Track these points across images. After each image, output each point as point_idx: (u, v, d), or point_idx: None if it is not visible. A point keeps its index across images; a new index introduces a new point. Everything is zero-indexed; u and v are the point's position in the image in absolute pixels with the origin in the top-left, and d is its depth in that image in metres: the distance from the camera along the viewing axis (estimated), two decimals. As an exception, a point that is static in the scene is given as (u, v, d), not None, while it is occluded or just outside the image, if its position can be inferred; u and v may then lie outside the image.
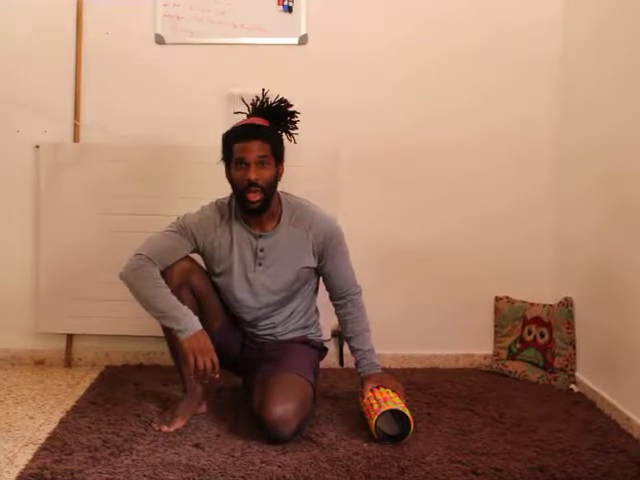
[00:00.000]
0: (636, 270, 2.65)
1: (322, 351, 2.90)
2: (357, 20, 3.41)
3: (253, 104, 2.75)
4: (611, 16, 2.92)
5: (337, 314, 2.80)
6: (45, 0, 3.36)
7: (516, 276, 3.48)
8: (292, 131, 2.77)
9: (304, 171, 3.28)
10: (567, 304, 3.25)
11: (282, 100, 2.75)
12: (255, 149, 2.55)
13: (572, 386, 3.16)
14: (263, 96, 2.75)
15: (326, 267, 2.72)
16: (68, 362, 3.41)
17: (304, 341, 2.79)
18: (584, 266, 3.15)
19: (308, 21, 3.39)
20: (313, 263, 2.70)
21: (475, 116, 3.43)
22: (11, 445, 2.40)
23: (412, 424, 2.46)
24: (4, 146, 3.40)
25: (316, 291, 2.86)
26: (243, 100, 2.78)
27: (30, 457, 2.28)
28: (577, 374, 3.19)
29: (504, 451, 2.41)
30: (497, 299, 3.48)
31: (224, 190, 3.36)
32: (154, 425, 2.58)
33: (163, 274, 2.58)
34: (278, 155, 2.62)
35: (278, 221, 2.67)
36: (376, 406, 2.49)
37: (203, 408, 2.73)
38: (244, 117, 2.76)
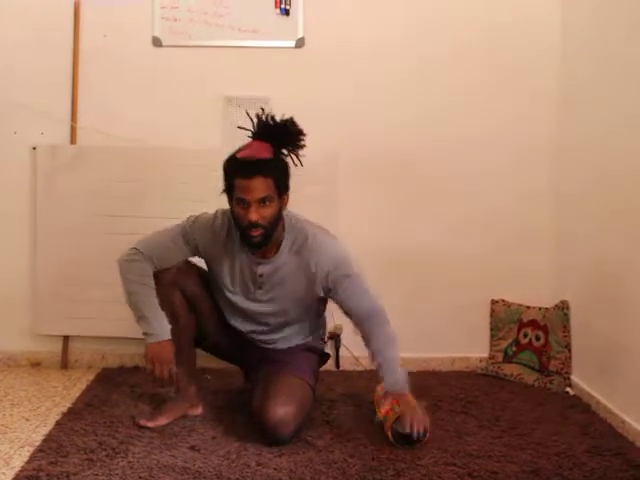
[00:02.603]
0: (632, 274, 2.65)
1: (324, 356, 2.89)
2: (354, 23, 3.41)
3: (258, 119, 2.56)
4: (609, 15, 2.92)
5: (359, 331, 2.60)
6: (43, 2, 3.37)
7: (512, 279, 3.48)
8: (298, 152, 2.58)
9: (303, 173, 3.28)
10: (563, 307, 3.25)
11: (287, 120, 2.55)
12: (257, 188, 2.41)
13: (568, 389, 3.17)
14: (266, 116, 2.56)
15: (338, 297, 2.58)
16: (64, 364, 3.41)
17: (306, 348, 2.76)
18: (580, 269, 3.15)
19: (305, 24, 3.40)
20: (319, 293, 2.61)
21: (473, 117, 3.44)
22: (7, 447, 2.40)
23: (428, 429, 2.47)
24: (1, 147, 3.40)
25: (324, 305, 2.80)
26: (247, 114, 2.58)
27: (26, 459, 2.28)
28: (573, 377, 3.19)
29: (500, 454, 2.41)
30: (493, 302, 3.48)
31: (220, 191, 3.37)
32: (136, 418, 2.62)
33: (156, 272, 2.60)
34: (282, 188, 2.48)
35: (279, 247, 2.57)
36: (396, 408, 2.48)
37: (198, 410, 2.73)
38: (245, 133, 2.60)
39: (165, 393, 2.91)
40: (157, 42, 3.40)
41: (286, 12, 3.40)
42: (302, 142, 2.57)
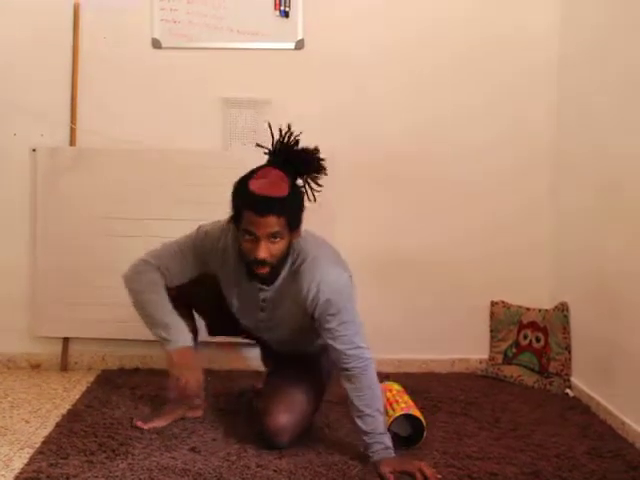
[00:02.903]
0: (631, 276, 2.65)
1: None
2: (354, 25, 3.42)
3: (281, 138, 2.38)
4: (609, 23, 2.93)
5: (344, 387, 2.36)
6: (42, 4, 3.37)
7: (512, 281, 3.49)
8: (315, 187, 2.37)
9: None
10: (563, 309, 3.25)
11: (313, 151, 2.37)
12: (268, 225, 2.24)
13: (567, 391, 3.17)
14: (289, 136, 2.38)
15: (322, 332, 2.36)
16: (64, 366, 3.41)
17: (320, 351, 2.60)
18: (580, 271, 3.16)
19: (305, 26, 3.40)
20: (312, 322, 2.39)
21: (473, 123, 3.44)
22: (7, 449, 2.40)
23: (425, 429, 2.48)
24: (1, 149, 3.40)
25: None
26: (270, 127, 2.41)
27: (26, 461, 2.28)
28: (572, 379, 3.19)
29: (499, 455, 2.42)
30: (493, 304, 3.48)
31: (220, 194, 3.37)
32: (134, 419, 2.62)
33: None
34: (294, 224, 2.31)
35: (281, 269, 2.40)
36: (390, 412, 2.50)
37: (198, 413, 2.73)
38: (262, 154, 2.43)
39: (165, 395, 2.90)
40: (157, 44, 3.40)
41: (285, 14, 3.40)
42: (321, 173, 2.38)
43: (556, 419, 2.82)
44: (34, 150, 3.36)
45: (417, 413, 2.51)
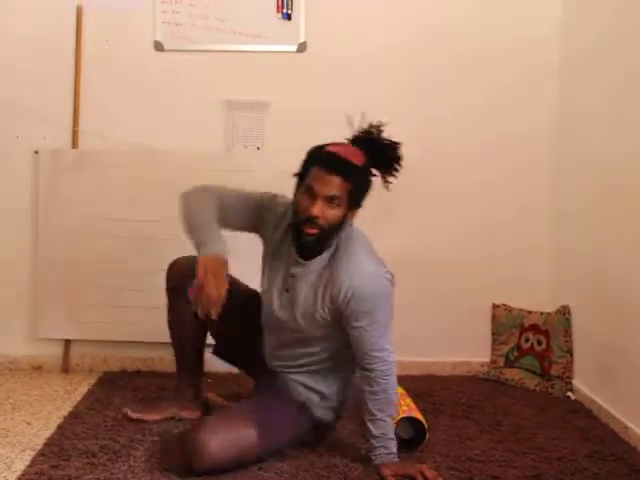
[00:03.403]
0: (633, 279, 2.65)
1: (323, 428, 2.52)
2: (356, 27, 3.42)
3: (368, 127, 2.40)
4: (610, 26, 2.93)
5: (361, 387, 2.33)
6: (45, 6, 3.37)
7: (514, 284, 3.48)
8: (390, 178, 2.38)
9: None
10: (564, 312, 3.25)
11: (396, 143, 2.39)
12: (331, 185, 2.22)
13: (569, 394, 3.16)
14: (377, 128, 2.40)
15: (350, 332, 2.29)
16: (66, 368, 3.41)
17: (301, 407, 2.44)
18: (582, 274, 3.16)
19: (307, 28, 3.40)
20: (326, 316, 2.32)
21: (474, 125, 3.45)
22: (8, 451, 2.40)
23: (426, 432, 2.49)
24: (3, 152, 3.40)
25: (352, 367, 2.44)
26: (354, 121, 2.44)
27: (28, 463, 2.28)
28: (574, 382, 3.19)
29: (501, 458, 2.42)
30: (495, 307, 3.48)
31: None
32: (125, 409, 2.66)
33: (173, 266, 2.63)
34: (356, 200, 2.29)
35: (320, 253, 2.34)
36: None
37: (195, 414, 2.70)
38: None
39: (166, 397, 2.91)
40: (159, 46, 3.41)
41: (288, 17, 3.40)
42: (399, 166, 2.39)
43: (558, 422, 2.82)
44: (36, 152, 3.36)
45: (419, 416, 2.51)
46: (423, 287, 3.46)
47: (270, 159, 3.38)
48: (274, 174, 3.33)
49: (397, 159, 2.38)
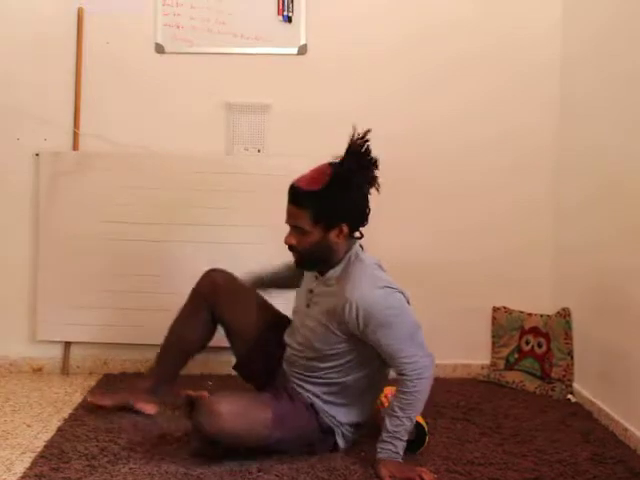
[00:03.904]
0: (633, 281, 2.65)
1: (327, 433, 2.48)
2: (356, 30, 3.42)
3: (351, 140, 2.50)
4: (610, 24, 2.93)
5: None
6: (46, 9, 3.38)
7: (514, 286, 3.48)
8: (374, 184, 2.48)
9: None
10: (565, 314, 3.25)
11: (369, 159, 2.48)
12: (290, 215, 2.39)
13: (569, 396, 3.16)
14: (360, 140, 2.50)
15: (368, 340, 2.34)
16: (66, 370, 3.41)
17: (310, 405, 2.47)
18: (582, 277, 3.15)
19: (307, 31, 3.41)
20: (335, 329, 2.37)
21: (474, 124, 3.45)
22: (8, 453, 2.40)
23: (427, 434, 2.50)
24: (4, 154, 3.40)
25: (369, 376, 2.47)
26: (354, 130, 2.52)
27: (28, 465, 2.28)
28: (574, 384, 3.19)
29: (501, 461, 2.42)
30: (495, 309, 3.48)
31: (223, 198, 3.39)
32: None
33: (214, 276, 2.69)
34: (324, 221, 2.35)
35: (332, 267, 2.43)
36: None
37: (149, 408, 2.72)
38: None
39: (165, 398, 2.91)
40: (160, 49, 3.41)
41: (288, 19, 3.40)
42: (372, 179, 2.47)
43: (558, 425, 2.82)
44: (37, 154, 3.36)
45: (419, 418, 2.51)
46: (422, 289, 3.44)
47: (271, 162, 3.38)
48: (274, 177, 3.34)
49: (366, 170, 2.45)
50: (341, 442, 2.49)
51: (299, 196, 2.36)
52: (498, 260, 3.46)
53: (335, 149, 3.34)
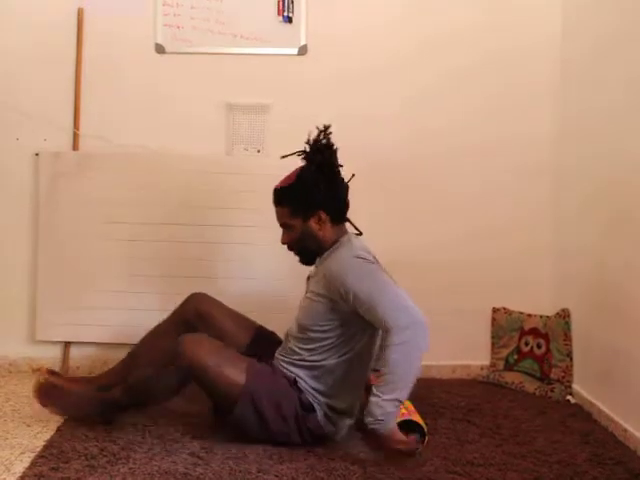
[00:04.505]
0: (633, 282, 2.65)
1: (307, 410, 2.52)
2: (357, 31, 3.43)
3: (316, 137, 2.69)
4: (608, 34, 2.94)
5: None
6: (46, 9, 3.38)
7: (514, 287, 3.48)
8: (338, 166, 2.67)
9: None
10: (564, 315, 3.25)
11: (323, 146, 2.66)
12: (277, 214, 2.65)
13: (569, 397, 3.17)
14: (319, 135, 2.69)
15: (350, 305, 2.44)
16: (66, 370, 3.41)
17: (293, 382, 2.55)
18: (581, 278, 3.16)
19: (308, 32, 3.41)
20: (321, 299, 2.51)
21: (475, 129, 3.46)
22: (8, 453, 2.39)
23: (426, 434, 2.51)
24: (4, 154, 3.40)
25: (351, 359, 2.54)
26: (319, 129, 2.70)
27: (27, 465, 2.28)
28: (574, 385, 3.19)
29: (501, 462, 2.42)
30: (494, 310, 3.48)
31: (223, 198, 3.39)
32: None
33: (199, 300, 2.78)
34: (302, 212, 2.58)
35: (320, 255, 2.65)
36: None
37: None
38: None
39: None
40: (160, 49, 3.41)
41: (289, 19, 3.41)
42: (332, 167, 2.64)
43: (557, 426, 2.82)
44: (37, 154, 3.36)
45: (418, 419, 2.51)
46: (422, 290, 3.43)
47: (270, 162, 3.38)
48: (274, 177, 3.33)
49: (325, 158, 2.63)
50: (326, 425, 2.52)
51: (277, 195, 2.63)
52: (498, 261, 3.47)
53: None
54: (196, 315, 2.77)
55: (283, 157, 2.70)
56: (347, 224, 2.70)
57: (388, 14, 3.44)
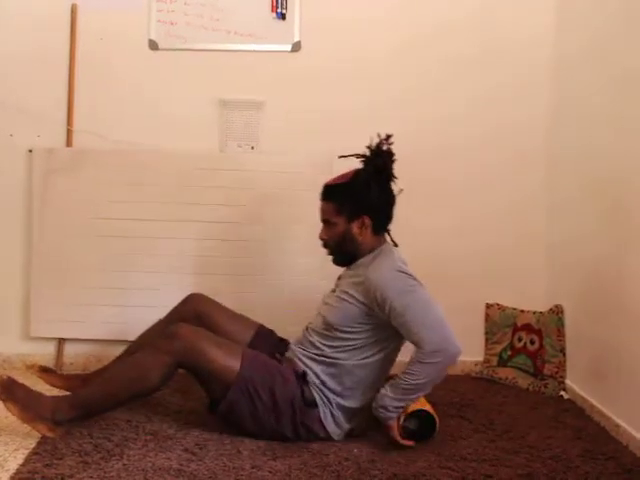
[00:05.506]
0: (626, 277, 2.66)
1: (309, 406, 2.54)
2: (350, 27, 3.43)
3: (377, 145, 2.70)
4: (602, 26, 2.94)
5: None
6: (39, 5, 3.37)
7: (507, 283, 3.49)
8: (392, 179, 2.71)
9: (300, 177, 3.31)
10: (557, 311, 3.26)
11: (383, 153, 2.69)
12: (322, 210, 2.66)
13: (562, 393, 3.18)
14: (378, 143, 2.69)
15: (385, 315, 2.50)
16: (59, 367, 3.40)
17: (302, 375, 2.57)
18: (574, 273, 3.17)
19: (301, 28, 3.41)
20: (355, 301, 2.55)
21: (468, 121, 3.47)
22: (1, 449, 2.39)
23: (437, 425, 2.56)
24: (-3, 150, 3.40)
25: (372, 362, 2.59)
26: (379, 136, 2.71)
27: (21, 461, 2.28)
28: (567, 381, 3.20)
29: (494, 457, 2.42)
30: (488, 306, 3.49)
31: (217, 194, 3.39)
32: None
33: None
34: (348, 212, 2.60)
35: (358, 258, 2.66)
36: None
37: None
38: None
39: (160, 396, 2.90)
40: (153, 45, 3.41)
41: (282, 16, 3.41)
42: (389, 174, 2.70)
43: (550, 421, 2.83)
44: (30, 151, 3.36)
45: (430, 409, 2.54)
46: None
47: (264, 158, 3.39)
48: (268, 173, 3.35)
49: (385, 164, 2.67)
50: (329, 424, 2.53)
51: (327, 191, 2.65)
52: (491, 257, 3.48)
53: (328, 146, 3.36)
54: (195, 316, 2.74)
55: (341, 157, 2.70)
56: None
57: (381, 9, 3.44)
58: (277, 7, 3.40)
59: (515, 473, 2.30)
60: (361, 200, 2.60)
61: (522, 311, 3.42)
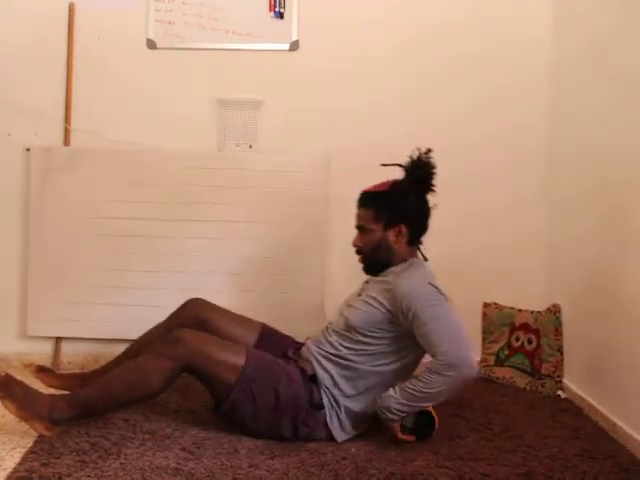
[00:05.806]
0: (624, 277, 2.66)
1: (316, 407, 2.54)
2: (348, 27, 3.43)
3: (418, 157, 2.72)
4: (600, 28, 2.95)
5: None
6: (37, 4, 3.37)
7: (505, 282, 3.49)
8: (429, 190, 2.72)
9: (298, 176, 3.31)
10: (555, 311, 3.26)
11: (425, 164, 2.72)
12: (359, 216, 2.68)
13: (559, 392, 3.18)
14: (419, 155, 2.73)
15: (408, 324, 2.50)
16: (57, 365, 3.40)
17: (311, 374, 2.57)
18: (572, 273, 3.17)
19: (299, 27, 3.41)
20: (380, 306, 2.55)
21: (468, 121, 3.47)
22: (-1, 448, 2.40)
23: (436, 424, 2.56)
24: (-6, 149, 3.40)
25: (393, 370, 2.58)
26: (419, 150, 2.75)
27: (18, 460, 2.27)
28: (565, 381, 3.20)
29: (491, 457, 2.42)
30: (485, 305, 3.49)
31: (214, 194, 3.39)
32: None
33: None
34: (385, 220, 2.63)
35: (388, 267, 2.66)
36: None
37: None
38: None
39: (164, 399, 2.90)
40: (151, 44, 3.41)
41: (280, 15, 3.41)
42: (429, 185, 2.72)
43: (548, 421, 2.83)
44: (28, 150, 3.36)
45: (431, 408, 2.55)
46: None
47: (262, 157, 3.39)
48: (266, 173, 3.35)
49: (426, 175, 2.70)
50: (334, 427, 2.52)
51: (365, 197, 2.68)
52: (489, 256, 3.48)
53: (326, 145, 3.36)
54: (196, 322, 2.70)
55: (383, 165, 2.68)
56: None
57: (381, 9, 3.44)
58: (275, 6, 3.40)
59: (512, 472, 2.30)
60: (399, 209, 2.63)
61: (520, 310, 3.42)
